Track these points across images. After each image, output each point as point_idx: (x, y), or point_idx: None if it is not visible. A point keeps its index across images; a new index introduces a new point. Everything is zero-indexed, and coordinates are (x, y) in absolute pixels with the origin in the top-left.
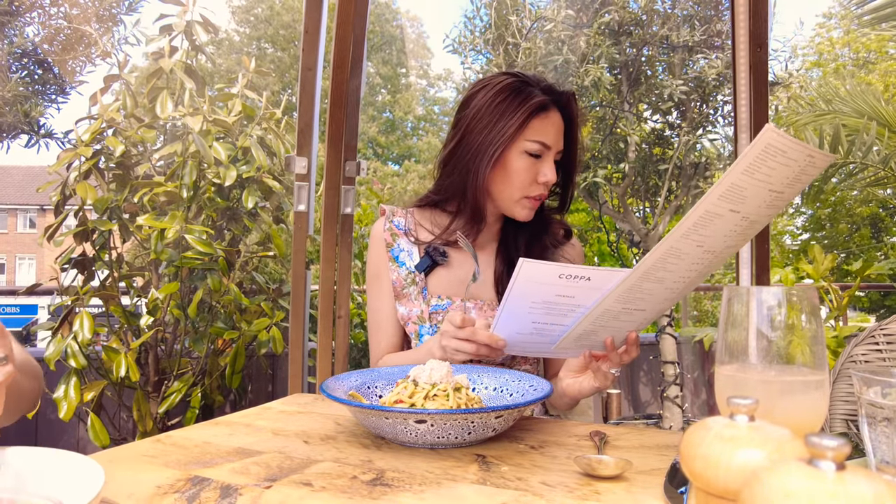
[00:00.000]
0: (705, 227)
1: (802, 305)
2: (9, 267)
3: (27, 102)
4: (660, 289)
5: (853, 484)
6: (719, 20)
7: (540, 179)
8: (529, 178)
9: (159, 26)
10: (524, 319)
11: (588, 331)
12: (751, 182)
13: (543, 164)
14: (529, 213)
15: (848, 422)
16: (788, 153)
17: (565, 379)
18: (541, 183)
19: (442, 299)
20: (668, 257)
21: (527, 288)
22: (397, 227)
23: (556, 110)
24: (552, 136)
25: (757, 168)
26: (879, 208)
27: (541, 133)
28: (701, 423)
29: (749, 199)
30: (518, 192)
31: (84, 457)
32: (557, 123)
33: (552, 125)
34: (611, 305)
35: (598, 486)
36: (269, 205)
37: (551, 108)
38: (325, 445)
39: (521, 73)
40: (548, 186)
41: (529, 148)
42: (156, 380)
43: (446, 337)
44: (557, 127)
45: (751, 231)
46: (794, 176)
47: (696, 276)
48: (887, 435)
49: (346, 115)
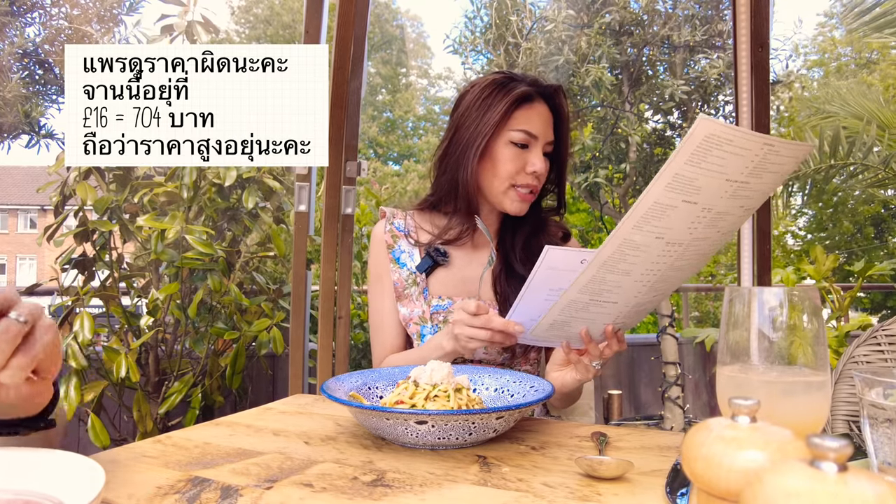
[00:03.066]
0: (659, 219)
1: (804, 306)
2: (9, 267)
3: (28, 103)
4: (628, 281)
5: (855, 485)
6: (720, 20)
7: (528, 169)
8: (516, 168)
9: (160, 26)
10: (541, 307)
11: (559, 321)
12: (699, 172)
13: (531, 154)
14: (520, 206)
15: (850, 423)
16: (735, 142)
17: (552, 372)
18: (529, 173)
19: (443, 300)
20: (626, 249)
21: (548, 275)
22: (398, 229)
23: (543, 102)
24: (537, 126)
25: (702, 158)
26: (881, 208)
27: (525, 122)
28: (702, 424)
29: (704, 189)
30: (505, 182)
31: (84, 457)
32: (544, 114)
33: (537, 115)
34: (576, 297)
35: (600, 487)
36: (270, 205)
37: (536, 99)
38: (325, 446)
39: (509, 71)
40: (538, 178)
41: (515, 138)
42: (156, 380)
43: (459, 325)
44: (544, 118)
45: (724, 223)
46: (754, 165)
47: (672, 270)
48: (889, 436)
49: (346, 115)
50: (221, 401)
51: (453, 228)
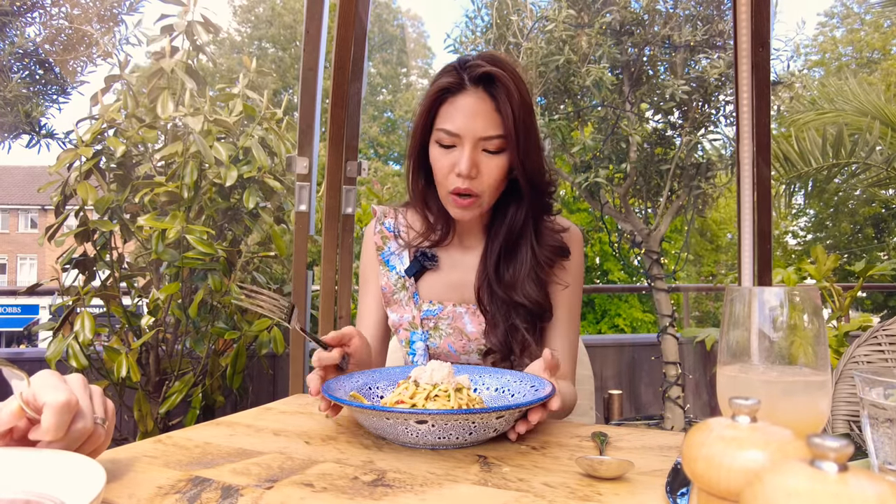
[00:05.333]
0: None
1: (805, 306)
2: (10, 267)
3: (28, 103)
4: None
5: (855, 485)
6: (721, 20)
7: (455, 170)
8: (444, 171)
9: (160, 26)
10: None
11: None
12: None
13: (458, 153)
14: (461, 212)
15: (850, 422)
16: None
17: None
18: (456, 175)
19: (434, 304)
20: None
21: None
22: (388, 230)
23: (476, 91)
24: (460, 122)
25: None
26: (882, 208)
27: (447, 119)
28: (703, 424)
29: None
30: (442, 187)
31: (85, 457)
32: (473, 106)
33: (461, 109)
34: None
35: (600, 486)
36: (270, 205)
37: (464, 90)
38: (326, 446)
39: (461, 57)
40: (472, 181)
41: (439, 138)
42: (157, 380)
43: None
44: (471, 110)
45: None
46: None
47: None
48: (889, 436)
49: (347, 115)
50: (222, 400)
51: (433, 230)
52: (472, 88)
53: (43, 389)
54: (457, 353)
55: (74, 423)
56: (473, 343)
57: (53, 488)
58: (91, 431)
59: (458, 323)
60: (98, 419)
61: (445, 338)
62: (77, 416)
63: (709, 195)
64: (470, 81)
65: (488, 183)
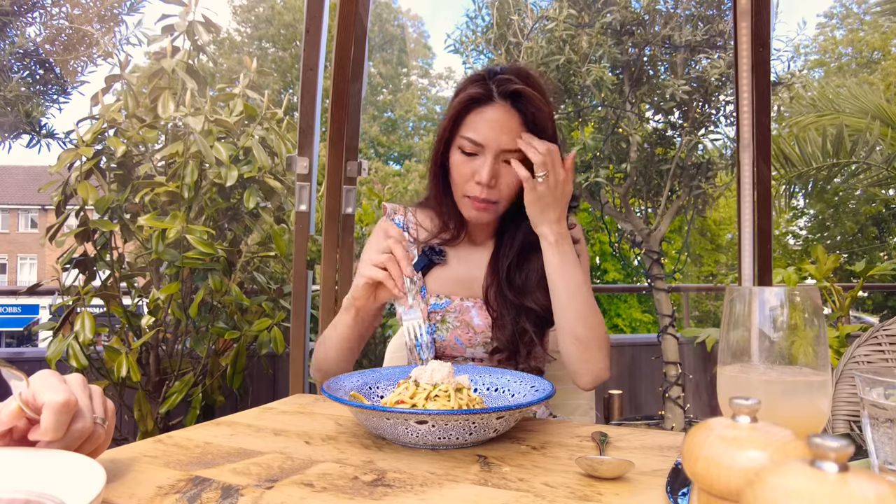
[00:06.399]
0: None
1: (805, 306)
2: (10, 267)
3: (28, 102)
4: None
5: (856, 485)
6: (721, 20)
7: (475, 179)
8: (464, 177)
9: (161, 26)
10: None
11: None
12: None
13: (479, 162)
14: (477, 214)
15: (850, 423)
16: None
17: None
18: (476, 183)
19: (441, 298)
20: None
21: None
22: (398, 225)
23: (503, 104)
24: (485, 133)
25: None
26: (883, 208)
27: (471, 129)
28: (703, 424)
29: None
30: (459, 190)
31: (85, 457)
32: (499, 118)
33: (488, 121)
34: None
35: (600, 486)
36: (271, 205)
37: (491, 102)
38: (326, 446)
39: (489, 67)
40: (489, 189)
41: (462, 145)
42: (157, 380)
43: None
44: (497, 123)
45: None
46: None
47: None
48: (890, 436)
49: (347, 115)
50: (222, 400)
51: (446, 229)
52: (500, 101)
53: (42, 389)
54: (463, 346)
55: (74, 423)
56: (480, 336)
57: (53, 488)
58: (91, 431)
59: (465, 316)
60: (98, 419)
61: (452, 331)
62: (76, 416)
63: (709, 195)
64: (499, 95)
65: (506, 192)
